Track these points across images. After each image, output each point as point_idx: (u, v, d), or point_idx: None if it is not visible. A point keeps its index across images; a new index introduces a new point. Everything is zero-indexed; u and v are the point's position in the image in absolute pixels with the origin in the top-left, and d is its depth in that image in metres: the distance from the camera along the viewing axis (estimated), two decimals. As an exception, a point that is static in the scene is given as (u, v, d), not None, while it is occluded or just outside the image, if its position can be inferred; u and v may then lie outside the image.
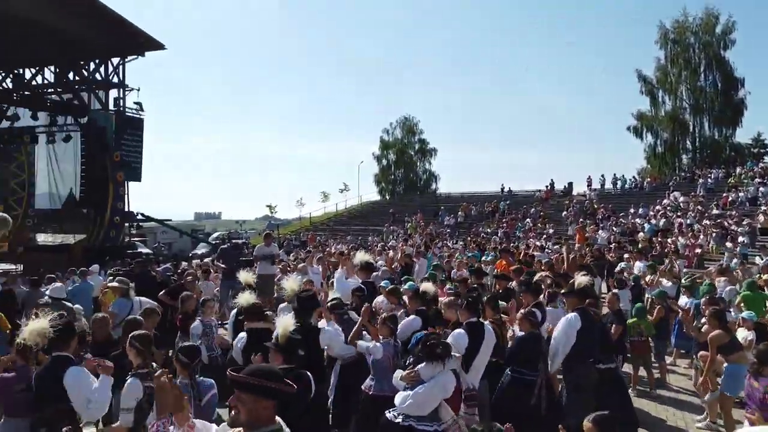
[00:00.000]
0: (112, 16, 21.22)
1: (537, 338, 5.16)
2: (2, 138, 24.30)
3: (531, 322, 5.15)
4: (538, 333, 5.22)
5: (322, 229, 36.44)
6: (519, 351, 5.13)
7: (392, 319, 5.21)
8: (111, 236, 23.12)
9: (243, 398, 2.27)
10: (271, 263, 11.13)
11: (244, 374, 2.31)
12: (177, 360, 3.93)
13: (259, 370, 2.39)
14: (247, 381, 2.28)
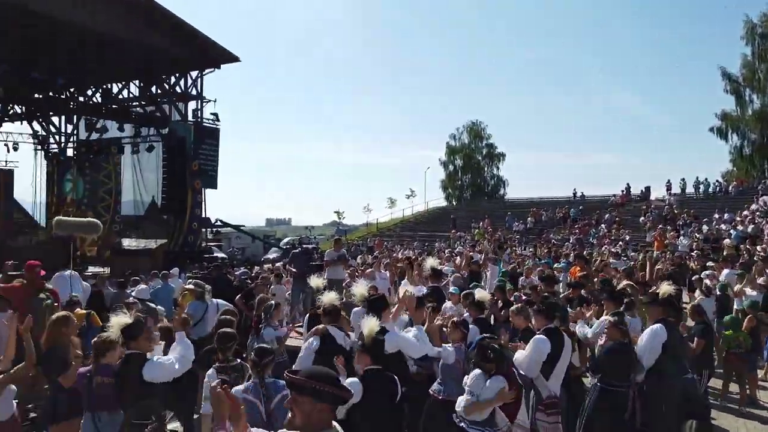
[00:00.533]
0: (192, 32, 22.33)
1: (626, 348, 4.95)
2: (92, 149, 26.05)
3: (621, 331, 4.96)
4: (627, 342, 5.01)
5: (389, 235, 36.61)
6: (608, 361, 4.94)
7: (464, 323, 5.17)
8: (189, 241, 24.23)
9: (299, 401, 2.24)
10: (341, 268, 11.29)
11: (301, 376, 2.27)
12: (250, 360, 4.07)
13: (316, 372, 2.34)
14: (304, 383, 2.24)
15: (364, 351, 4.14)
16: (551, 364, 4.75)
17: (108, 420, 4.10)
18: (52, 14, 17.94)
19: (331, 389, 2.25)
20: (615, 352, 4.91)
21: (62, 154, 27.46)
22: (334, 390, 2.26)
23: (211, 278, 9.46)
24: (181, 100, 24.71)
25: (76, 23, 18.69)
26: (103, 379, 4.16)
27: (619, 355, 4.89)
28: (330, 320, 5.22)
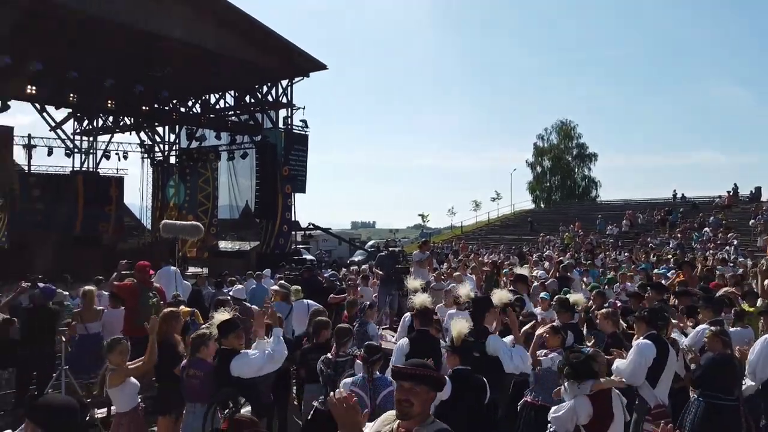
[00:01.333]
0: (282, 42, 23.24)
1: (729, 359, 4.58)
2: (192, 156, 27.76)
3: (723, 342, 4.59)
4: (731, 354, 4.63)
5: (474, 238, 36.13)
6: (711, 373, 4.58)
7: (565, 329, 5.01)
8: (280, 244, 25.19)
9: (417, 391, 2.34)
10: (426, 270, 11.27)
11: (417, 366, 2.41)
12: (360, 356, 4.22)
13: (424, 363, 2.47)
14: (426, 373, 2.37)
15: (454, 351, 4.22)
16: (657, 370, 4.53)
17: (202, 411, 4.33)
18: (155, 32, 19.33)
19: (442, 378, 2.44)
20: (716, 364, 4.57)
21: (166, 161, 29.47)
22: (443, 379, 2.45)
23: (303, 279, 9.74)
24: (272, 109, 25.79)
25: (177, 40, 20.00)
26: (195, 372, 4.40)
27: (721, 366, 4.54)
28: (422, 322, 5.19)
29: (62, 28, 18.35)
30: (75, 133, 29.15)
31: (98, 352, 7.25)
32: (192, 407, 4.37)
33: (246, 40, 22.23)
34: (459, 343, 4.23)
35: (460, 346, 4.23)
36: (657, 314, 4.93)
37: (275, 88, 25.38)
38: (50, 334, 6.77)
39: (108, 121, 28.71)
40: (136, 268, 7.31)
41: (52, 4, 16.68)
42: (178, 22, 19.93)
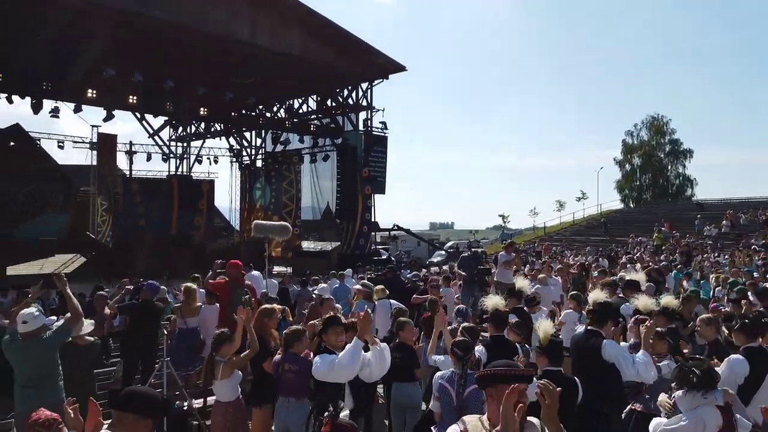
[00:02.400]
0: (362, 45, 23.61)
1: None
2: (277, 160, 28.80)
3: None
4: None
5: (558, 240, 34.94)
6: None
7: (672, 333, 4.73)
8: (360, 244, 25.59)
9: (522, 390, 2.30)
10: (510, 272, 11.03)
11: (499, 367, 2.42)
12: (452, 353, 4.20)
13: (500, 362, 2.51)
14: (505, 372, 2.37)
15: (542, 352, 4.20)
16: (750, 389, 4.15)
17: (296, 405, 4.46)
18: (244, 41, 20.23)
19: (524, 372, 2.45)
20: None
21: (253, 165, 30.76)
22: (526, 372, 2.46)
23: (386, 279, 9.83)
24: (352, 111, 26.26)
25: (264, 48, 20.84)
26: (290, 367, 4.52)
27: None
28: (496, 326, 5.04)
29: (159, 41, 19.64)
30: (170, 139, 31.09)
31: (196, 346, 7.70)
32: (285, 401, 4.51)
33: (328, 45, 22.78)
34: (546, 344, 4.19)
35: (549, 347, 4.18)
36: (757, 323, 4.54)
37: (355, 91, 25.82)
38: (154, 328, 7.24)
39: (200, 128, 30.39)
40: (228, 267, 7.67)
41: (152, 19, 17.86)
42: (265, 31, 20.78)
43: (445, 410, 4.00)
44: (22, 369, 4.59)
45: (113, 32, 18.52)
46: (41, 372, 4.58)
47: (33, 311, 4.75)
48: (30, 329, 4.58)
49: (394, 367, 5.16)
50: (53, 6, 16.20)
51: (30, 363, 4.56)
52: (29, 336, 4.59)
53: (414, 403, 5.11)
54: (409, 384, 5.07)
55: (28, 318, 4.62)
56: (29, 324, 4.59)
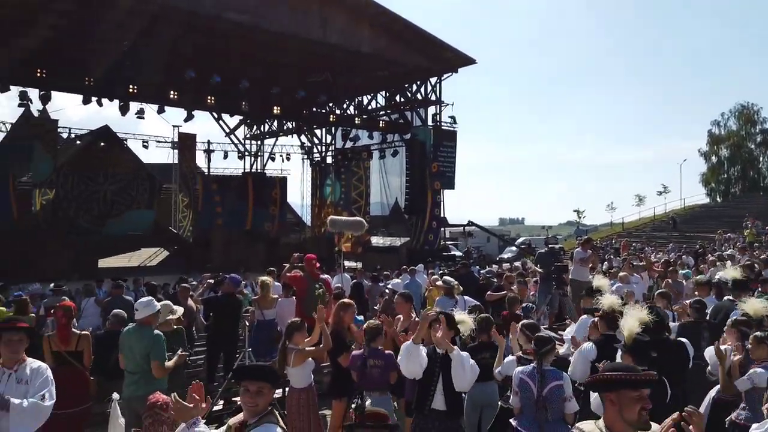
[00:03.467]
0: (431, 39, 23.44)
1: None
2: (347, 156, 29.16)
3: None
4: None
5: (637, 236, 33.35)
6: None
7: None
8: (429, 240, 25.48)
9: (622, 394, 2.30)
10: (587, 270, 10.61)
11: (617, 371, 2.32)
12: (531, 348, 4.21)
13: (617, 366, 2.42)
14: (624, 377, 2.28)
15: (626, 352, 4.09)
16: None
17: (380, 400, 4.47)
18: (315, 40, 20.58)
19: (641, 377, 2.31)
20: None
21: (323, 161, 31.29)
22: (644, 377, 2.31)
23: (459, 275, 9.71)
24: (421, 106, 26.14)
25: (334, 45, 21.13)
26: (375, 362, 4.54)
27: None
28: (608, 325, 4.83)
29: (235, 43, 20.34)
30: (246, 137, 32.16)
31: (273, 337, 7.91)
32: (369, 395, 4.53)
33: (397, 41, 22.78)
34: (630, 342, 4.09)
35: (633, 346, 4.07)
36: None
37: (424, 85, 25.68)
38: (235, 320, 7.50)
39: (273, 126, 31.25)
40: (305, 261, 7.82)
41: (229, 22, 18.52)
42: (336, 29, 21.05)
43: (525, 404, 3.94)
44: (131, 354, 4.87)
45: (193, 36, 19.37)
46: (147, 359, 4.82)
47: (146, 299, 5.06)
48: (141, 317, 4.86)
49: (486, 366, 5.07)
50: (137, 13, 17.13)
51: (139, 349, 4.82)
52: (142, 323, 4.87)
53: (493, 402, 5.01)
54: (490, 383, 4.97)
55: (139, 306, 4.93)
56: (140, 312, 4.88)
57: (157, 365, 4.75)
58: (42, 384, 3.51)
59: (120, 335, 5.07)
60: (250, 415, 2.68)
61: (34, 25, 17.67)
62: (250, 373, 2.78)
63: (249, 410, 2.70)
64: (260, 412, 2.67)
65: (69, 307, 5.68)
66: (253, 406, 2.69)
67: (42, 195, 22.05)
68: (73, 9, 17.25)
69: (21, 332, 3.56)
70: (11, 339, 3.50)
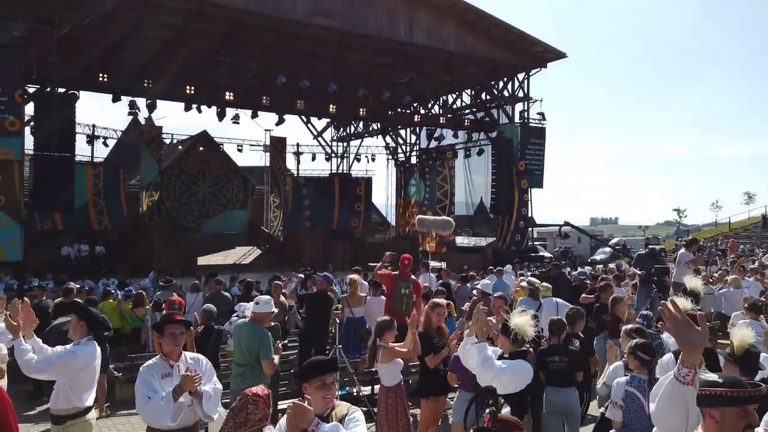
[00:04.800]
0: (518, 34, 22.88)
1: None
2: (431, 156, 29.09)
3: None
4: None
5: (746, 236, 30.75)
6: None
7: None
8: (516, 240, 24.86)
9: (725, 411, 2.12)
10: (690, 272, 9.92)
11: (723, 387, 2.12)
12: (636, 356, 3.96)
13: (732, 379, 2.19)
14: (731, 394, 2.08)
15: (733, 362, 3.76)
16: None
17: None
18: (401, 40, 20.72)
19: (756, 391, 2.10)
20: None
21: (407, 161, 31.41)
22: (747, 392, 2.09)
23: (550, 277, 9.40)
24: (508, 104, 25.54)
25: (420, 45, 21.18)
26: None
27: None
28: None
29: (323, 47, 20.88)
30: (333, 139, 32.94)
31: (362, 335, 8.04)
32: (462, 395, 4.51)
33: (484, 38, 22.46)
34: (741, 353, 3.73)
35: (743, 357, 3.72)
36: None
37: (511, 82, 25.10)
38: (327, 317, 7.70)
39: (359, 128, 31.81)
40: (400, 260, 7.91)
41: (319, 27, 19.08)
42: (422, 29, 21.09)
43: (633, 418, 3.70)
44: (239, 347, 5.14)
45: (283, 42, 20.11)
46: (253, 353, 5.05)
47: (266, 297, 5.34)
48: (258, 311, 5.12)
49: (556, 371, 4.89)
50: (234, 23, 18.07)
51: (246, 343, 5.07)
52: (255, 319, 5.13)
53: (574, 410, 4.82)
54: (569, 389, 4.77)
55: (260, 301, 5.20)
56: (260, 306, 5.14)
57: (268, 364, 4.95)
58: (210, 371, 3.77)
59: (234, 328, 5.33)
60: (325, 408, 2.70)
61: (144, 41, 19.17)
62: (327, 366, 2.83)
63: (327, 403, 2.73)
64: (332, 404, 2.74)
65: (176, 301, 6.05)
66: (332, 398, 2.74)
67: (148, 197, 23.78)
68: (177, 23, 18.49)
69: (182, 325, 3.76)
70: (174, 332, 3.67)
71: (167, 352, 3.66)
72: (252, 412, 2.84)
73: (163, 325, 3.70)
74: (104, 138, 25.71)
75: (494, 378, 3.84)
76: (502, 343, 4.22)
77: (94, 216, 21.66)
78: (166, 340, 3.66)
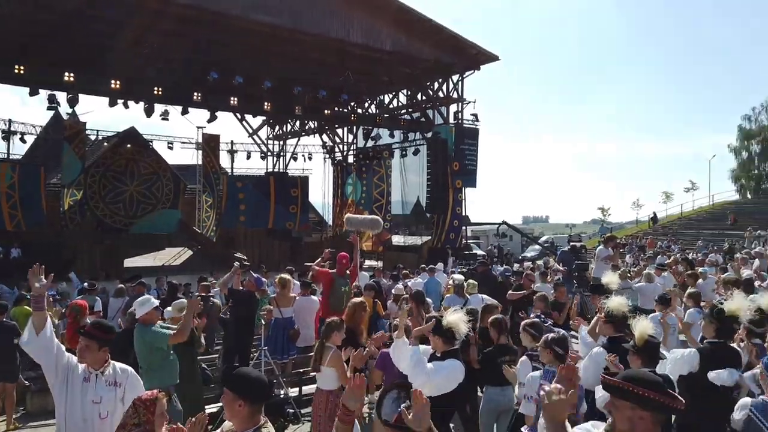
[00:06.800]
0: (452, 36, 23.28)
1: None
2: (368, 155, 29.19)
3: None
4: None
5: (664, 233, 32.72)
6: None
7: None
8: (451, 238, 25.32)
9: (617, 405, 2.11)
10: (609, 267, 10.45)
11: (620, 379, 2.12)
12: (551, 350, 4.03)
13: (637, 376, 2.15)
14: (622, 386, 2.09)
15: (636, 353, 3.95)
16: None
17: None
18: (338, 39, 20.63)
19: (653, 395, 2.04)
20: None
21: (344, 161, 31.37)
22: (657, 396, 2.04)
23: (477, 274, 9.64)
24: (443, 104, 25.99)
25: (357, 44, 21.17)
26: None
27: None
28: (616, 328, 4.64)
29: (258, 43, 20.50)
30: (268, 138, 32.42)
31: (291, 335, 7.96)
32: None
33: (419, 39, 22.69)
34: (642, 344, 3.92)
35: (645, 347, 3.91)
36: None
37: (446, 83, 25.55)
38: (252, 317, 7.56)
39: (295, 126, 31.45)
40: (337, 259, 7.88)
41: (251, 22, 18.67)
42: (359, 28, 21.08)
43: None
44: (139, 354, 4.94)
45: (216, 37, 19.58)
46: (143, 359, 4.87)
47: (144, 297, 5.13)
48: (140, 314, 4.93)
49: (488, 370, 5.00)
50: (163, 14, 17.38)
51: (138, 347, 4.89)
52: (142, 321, 4.94)
53: (512, 407, 4.92)
54: (508, 388, 4.87)
55: (136, 305, 5.00)
56: (138, 311, 4.94)
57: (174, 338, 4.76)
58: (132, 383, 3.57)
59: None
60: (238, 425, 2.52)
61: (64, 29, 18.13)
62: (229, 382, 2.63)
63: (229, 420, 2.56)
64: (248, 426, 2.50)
65: (78, 306, 5.77)
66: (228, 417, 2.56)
67: (70, 196, 22.57)
68: (99, 13, 17.61)
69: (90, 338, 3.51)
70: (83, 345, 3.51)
71: (80, 361, 3.51)
72: (130, 415, 2.76)
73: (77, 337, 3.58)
74: (21, 134, 24.24)
75: (426, 382, 3.80)
76: (434, 343, 4.25)
77: (6, 212, 20.38)
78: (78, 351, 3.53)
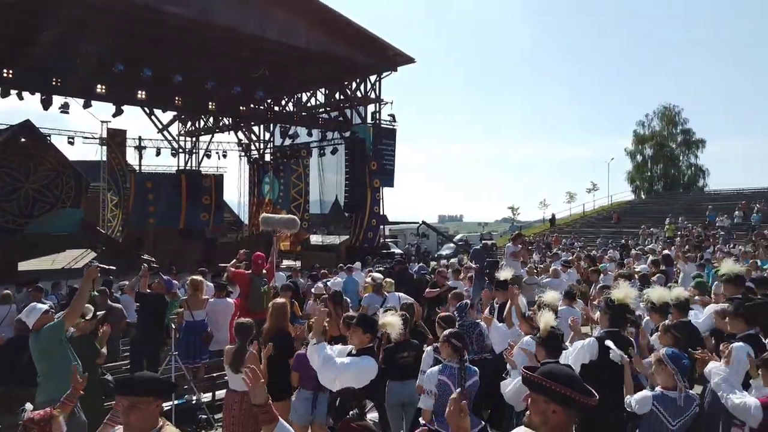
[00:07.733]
0: (371, 37, 23.45)
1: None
2: (286, 154, 28.78)
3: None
4: None
5: (568, 231, 34.72)
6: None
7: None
8: (369, 237, 25.52)
9: (533, 398, 2.16)
10: (519, 264, 10.95)
11: (538, 374, 2.17)
12: (449, 344, 4.09)
13: (554, 371, 2.19)
14: (537, 381, 2.13)
15: (540, 344, 4.12)
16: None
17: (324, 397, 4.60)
18: (252, 35, 20.16)
19: (566, 391, 2.07)
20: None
21: (261, 159, 30.75)
22: (570, 393, 2.07)
23: (394, 273, 9.77)
24: (361, 104, 26.12)
25: (273, 41, 20.79)
26: None
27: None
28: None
29: (168, 35, 19.61)
30: (180, 134, 31.13)
31: (203, 338, 7.69)
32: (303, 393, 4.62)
33: (337, 38, 22.65)
34: (546, 335, 4.09)
35: (548, 338, 4.08)
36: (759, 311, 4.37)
37: (364, 83, 25.68)
38: (160, 321, 7.24)
39: (209, 122, 30.40)
40: (252, 259, 7.68)
41: (160, 12, 17.83)
42: (275, 24, 20.70)
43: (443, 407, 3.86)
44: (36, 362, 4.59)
45: (122, 27, 18.53)
46: (41, 365, 4.55)
47: (29, 306, 4.79)
48: (30, 322, 4.59)
49: (405, 366, 5.08)
50: (62, 1, 16.20)
51: (36, 355, 4.56)
52: (34, 329, 4.60)
53: (415, 400, 5.02)
54: (412, 381, 4.97)
55: (23, 315, 4.67)
56: (27, 320, 4.60)
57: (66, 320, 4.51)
58: None
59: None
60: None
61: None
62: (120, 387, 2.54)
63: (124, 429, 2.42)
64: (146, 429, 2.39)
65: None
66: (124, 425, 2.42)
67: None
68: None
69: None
70: None
71: None
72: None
73: None
74: None
75: (336, 378, 3.75)
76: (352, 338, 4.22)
77: None
78: None
